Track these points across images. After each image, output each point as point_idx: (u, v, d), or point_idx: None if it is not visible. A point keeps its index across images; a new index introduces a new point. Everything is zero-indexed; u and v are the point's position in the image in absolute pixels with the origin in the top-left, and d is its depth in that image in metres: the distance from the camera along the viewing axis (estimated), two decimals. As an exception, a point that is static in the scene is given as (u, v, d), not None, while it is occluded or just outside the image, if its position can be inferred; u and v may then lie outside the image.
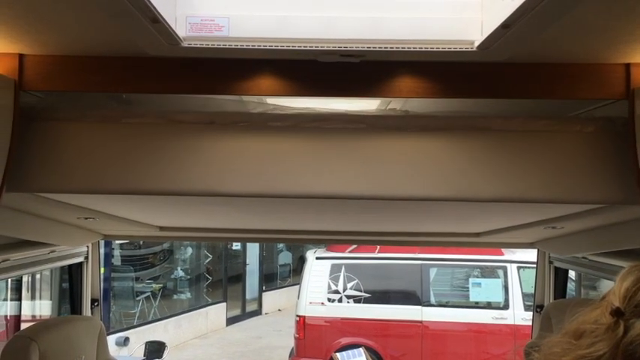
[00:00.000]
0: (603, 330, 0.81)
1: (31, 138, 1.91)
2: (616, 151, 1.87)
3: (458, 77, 1.82)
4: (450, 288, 9.40)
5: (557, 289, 3.66)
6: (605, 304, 0.86)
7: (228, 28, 1.59)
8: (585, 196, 1.93)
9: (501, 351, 8.51)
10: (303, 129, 1.94)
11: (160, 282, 12.66)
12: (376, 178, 1.92)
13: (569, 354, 0.81)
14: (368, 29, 1.62)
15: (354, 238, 3.69)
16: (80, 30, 1.61)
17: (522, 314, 8.41)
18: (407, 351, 8.90)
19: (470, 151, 1.92)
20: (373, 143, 1.94)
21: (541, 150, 1.92)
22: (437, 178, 1.92)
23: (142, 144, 1.93)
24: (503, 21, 1.44)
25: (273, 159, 1.93)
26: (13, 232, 2.59)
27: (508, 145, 1.93)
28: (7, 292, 6.28)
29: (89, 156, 1.93)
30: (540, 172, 1.91)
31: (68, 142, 1.94)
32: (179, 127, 1.93)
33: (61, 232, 2.93)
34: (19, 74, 1.77)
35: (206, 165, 1.92)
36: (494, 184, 1.92)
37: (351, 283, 9.01)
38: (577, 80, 1.78)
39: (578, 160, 1.91)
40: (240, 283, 15.44)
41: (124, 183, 1.93)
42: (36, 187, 1.96)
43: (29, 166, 1.91)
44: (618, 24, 1.48)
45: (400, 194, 1.94)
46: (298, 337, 9.02)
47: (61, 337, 2.53)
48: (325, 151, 1.94)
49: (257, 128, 1.94)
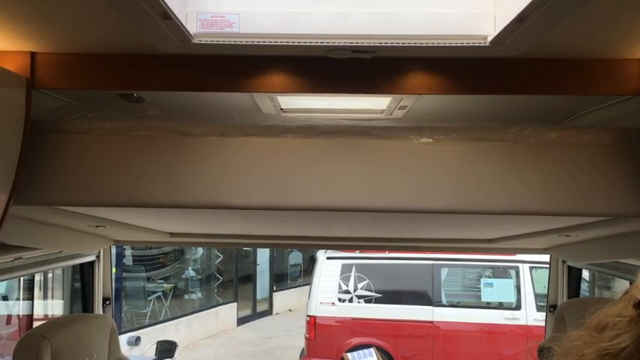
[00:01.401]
0: (626, 322, 0.80)
1: (42, 150, 1.91)
2: (632, 163, 1.85)
3: (471, 73, 1.80)
4: (462, 288, 9.35)
5: (570, 289, 3.63)
6: (627, 297, 0.86)
7: (238, 24, 1.59)
8: (601, 209, 1.90)
9: (513, 352, 8.46)
10: (314, 141, 1.93)
11: (171, 282, 12.70)
12: (388, 190, 1.91)
13: (591, 347, 0.80)
14: (379, 25, 1.61)
15: (366, 244, 3.68)
16: (91, 27, 1.61)
17: (535, 315, 8.36)
18: (418, 351, 8.87)
19: (483, 163, 1.90)
20: (384, 155, 1.92)
21: (555, 161, 1.90)
22: (450, 190, 1.90)
23: (153, 157, 1.93)
24: (517, 14, 1.42)
25: (284, 171, 1.92)
26: (23, 242, 2.59)
27: (522, 157, 1.90)
28: (20, 292, 6.33)
29: (100, 168, 1.93)
30: (555, 183, 1.89)
31: (79, 154, 1.94)
32: (189, 140, 1.93)
33: (72, 239, 2.93)
34: (31, 72, 1.78)
35: (217, 177, 1.92)
36: (508, 196, 1.90)
37: (362, 283, 8.99)
38: (591, 76, 1.75)
39: (593, 172, 1.88)
40: (250, 283, 15.46)
41: (134, 196, 1.93)
42: (47, 200, 1.96)
43: (40, 178, 1.91)
44: (633, 17, 1.46)
45: (412, 206, 1.92)
46: (309, 337, 9.01)
47: (73, 335, 2.53)
48: (336, 163, 1.93)
49: (267, 140, 1.93)
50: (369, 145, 1.92)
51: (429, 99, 2.17)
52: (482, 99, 2.17)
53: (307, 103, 2.45)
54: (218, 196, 1.92)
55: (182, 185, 1.91)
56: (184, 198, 1.92)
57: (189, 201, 1.93)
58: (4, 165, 1.72)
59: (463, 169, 1.90)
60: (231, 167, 1.93)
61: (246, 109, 2.38)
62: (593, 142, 1.88)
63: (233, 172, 1.93)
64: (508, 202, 1.90)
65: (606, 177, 1.88)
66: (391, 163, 1.92)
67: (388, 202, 1.91)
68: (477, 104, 2.31)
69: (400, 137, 1.92)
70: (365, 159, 1.92)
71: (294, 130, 1.93)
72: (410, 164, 1.91)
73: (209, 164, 1.92)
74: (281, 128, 1.94)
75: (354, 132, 1.93)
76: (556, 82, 1.78)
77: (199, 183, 1.91)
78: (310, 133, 1.93)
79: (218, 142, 1.93)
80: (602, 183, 1.88)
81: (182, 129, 1.94)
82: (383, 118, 2.50)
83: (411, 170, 1.91)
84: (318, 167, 1.93)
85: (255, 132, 1.93)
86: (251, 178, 1.92)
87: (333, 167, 1.92)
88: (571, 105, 2.22)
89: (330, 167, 1.93)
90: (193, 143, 1.93)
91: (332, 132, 1.93)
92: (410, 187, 1.91)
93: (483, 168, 1.90)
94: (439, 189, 1.90)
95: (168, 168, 1.92)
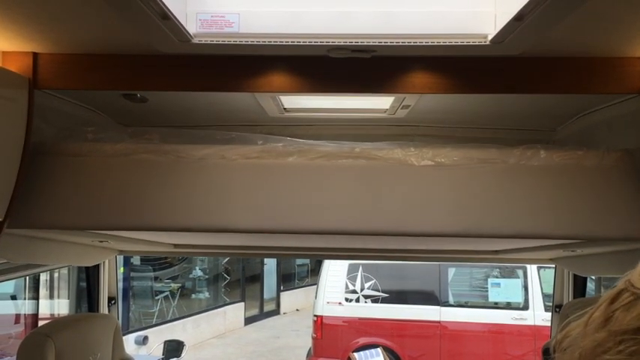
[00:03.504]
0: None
1: (42, 172, 1.92)
2: (635, 185, 1.83)
3: (472, 72, 1.80)
4: (469, 288, 9.31)
5: (576, 289, 3.60)
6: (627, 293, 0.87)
7: (238, 24, 1.59)
8: (605, 232, 1.87)
9: (521, 352, 8.42)
10: (315, 163, 1.93)
11: (179, 281, 12.73)
12: (390, 213, 1.90)
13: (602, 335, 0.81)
14: (379, 24, 1.61)
15: (371, 254, 3.67)
16: (92, 28, 1.62)
17: (542, 315, 8.30)
18: (425, 351, 8.84)
19: (486, 186, 1.89)
20: (386, 178, 1.91)
21: (559, 184, 1.88)
22: (453, 214, 1.89)
23: (153, 180, 1.94)
24: (516, 13, 1.42)
25: (286, 194, 1.92)
26: (27, 259, 2.58)
27: (525, 180, 1.89)
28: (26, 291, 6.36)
29: (100, 191, 1.93)
30: (558, 206, 1.87)
31: (79, 177, 1.95)
32: (190, 163, 1.93)
33: (76, 253, 2.92)
34: (34, 72, 1.79)
35: (217, 201, 1.92)
36: (511, 219, 1.88)
37: (369, 283, 8.97)
38: (591, 74, 1.75)
39: (597, 195, 1.87)
40: (258, 282, 15.47)
41: (135, 219, 1.93)
42: (46, 223, 1.96)
43: (39, 200, 1.91)
44: (633, 16, 1.45)
45: (415, 230, 1.91)
46: (316, 337, 9.01)
47: (77, 335, 2.55)
48: (338, 186, 1.92)
49: (268, 163, 1.93)
50: (370, 168, 1.91)
51: (432, 98, 2.17)
52: (486, 97, 2.16)
53: (310, 103, 2.45)
54: (219, 220, 1.92)
55: (183, 208, 1.91)
56: (185, 221, 1.92)
57: (190, 224, 1.93)
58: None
59: (465, 192, 1.89)
60: (231, 190, 1.93)
61: (250, 110, 2.38)
62: (596, 165, 1.86)
63: (233, 195, 1.92)
64: (511, 226, 1.88)
65: (610, 200, 1.86)
66: (393, 186, 1.91)
67: (390, 226, 1.90)
68: (480, 103, 2.30)
69: (402, 160, 1.91)
70: (367, 182, 1.91)
71: (295, 153, 1.93)
72: (412, 187, 1.90)
73: (210, 187, 1.92)
74: (282, 151, 1.94)
75: (355, 155, 1.92)
76: (557, 81, 1.78)
77: (200, 206, 1.91)
78: (311, 156, 1.92)
79: (218, 165, 1.93)
80: (606, 206, 1.86)
81: (182, 152, 1.94)
82: (386, 117, 2.50)
83: (413, 193, 1.90)
84: (320, 190, 1.92)
85: (256, 155, 1.94)
86: (252, 201, 1.91)
87: (335, 190, 1.92)
88: (573, 104, 2.21)
89: (332, 190, 1.92)
90: (194, 166, 1.93)
91: (333, 155, 1.93)
92: (412, 211, 1.90)
93: (486, 191, 1.89)
94: (442, 212, 1.89)
95: (168, 191, 1.92)
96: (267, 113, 2.43)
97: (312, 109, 2.49)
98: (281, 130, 2.66)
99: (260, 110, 2.38)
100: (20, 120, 1.75)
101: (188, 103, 2.38)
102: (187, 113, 2.53)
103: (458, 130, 2.64)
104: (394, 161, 1.91)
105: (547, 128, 2.61)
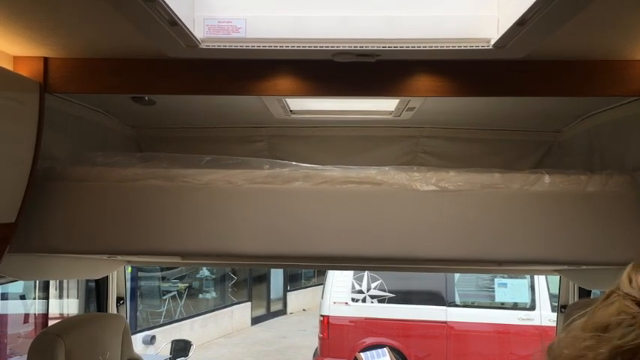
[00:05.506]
0: (631, 320, 0.82)
1: (49, 197, 1.95)
2: (639, 210, 1.84)
3: (475, 76, 1.82)
4: (475, 288, 9.30)
5: (582, 289, 3.60)
6: (619, 299, 0.88)
7: (245, 29, 1.61)
8: (610, 258, 1.87)
9: (527, 352, 8.41)
10: (321, 189, 1.95)
11: (186, 281, 12.77)
12: (395, 238, 1.92)
13: (603, 346, 0.82)
14: (383, 28, 1.63)
15: (379, 265, 3.70)
16: (101, 33, 1.65)
17: (549, 315, 8.28)
18: (431, 351, 8.84)
19: (489, 211, 1.91)
20: (392, 203, 1.94)
21: (562, 210, 1.89)
22: (457, 239, 1.91)
23: (160, 205, 1.96)
24: (518, 18, 1.44)
25: (291, 219, 1.94)
26: (38, 277, 2.61)
27: (529, 205, 1.90)
28: (35, 291, 6.42)
29: (107, 216, 1.96)
30: (562, 232, 1.88)
31: (86, 202, 1.97)
32: (196, 188, 1.96)
33: (85, 268, 2.94)
34: (44, 77, 1.82)
35: (224, 226, 1.94)
36: (514, 245, 1.89)
37: (375, 283, 8.98)
38: (593, 77, 1.76)
39: (601, 220, 1.87)
40: (264, 282, 15.50)
41: (141, 244, 1.96)
42: (53, 248, 1.99)
43: (46, 225, 1.94)
44: (634, 20, 1.47)
45: (420, 255, 1.93)
46: (322, 337, 9.02)
47: (87, 334, 2.57)
48: (344, 211, 1.94)
49: (275, 188, 1.95)
50: (375, 193, 1.94)
51: (437, 100, 2.19)
52: (490, 100, 2.18)
53: (316, 105, 2.47)
54: (225, 245, 1.94)
55: (189, 233, 1.94)
56: (191, 246, 1.95)
57: (196, 249, 1.96)
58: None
59: (469, 217, 1.91)
60: (237, 215, 1.95)
61: (256, 111, 2.41)
62: (600, 191, 1.87)
63: (240, 220, 1.95)
64: (514, 251, 1.90)
65: (614, 225, 1.87)
66: (397, 211, 1.93)
67: (395, 251, 1.92)
68: (484, 105, 2.32)
69: (406, 185, 1.93)
70: (371, 207, 1.93)
71: (300, 178, 1.96)
72: (416, 212, 1.92)
73: (216, 212, 1.95)
74: (288, 176, 1.97)
75: (360, 180, 1.94)
76: (560, 84, 1.79)
77: (206, 231, 1.94)
78: (317, 181, 1.95)
79: (225, 190, 1.96)
80: (610, 231, 1.86)
81: (189, 177, 1.96)
82: (392, 119, 2.52)
83: (417, 218, 1.92)
84: (325, 215, 1.94)
85: (262, 180, 1.96)
86: (258, 226, 1.94)
87: (340, 215, 1.94)
88: (578, 105, 2.23)
89: (337, 215, 1.94)
90: (200, 191, 1.95)
91: (338, 180, 1.95)
92: (416, 236, 1.92)
93: (489, 216, 1.90)
94: (445, 237, 1.91)
95: (175, 216, 1.95)
96: (274, 115, 2.46)
97: (317, 111, 2.51)
98: (286, 131, 2.68)
99: (266, 112, 2.41)
100: (31, 123, 1.78)
101: (195, 105, 2.40)
102: (194, 115, 2.56)
103: (463, 131, 2.66)
104: (398, 186, 1.93)
105: (552, 129, 2.61)
